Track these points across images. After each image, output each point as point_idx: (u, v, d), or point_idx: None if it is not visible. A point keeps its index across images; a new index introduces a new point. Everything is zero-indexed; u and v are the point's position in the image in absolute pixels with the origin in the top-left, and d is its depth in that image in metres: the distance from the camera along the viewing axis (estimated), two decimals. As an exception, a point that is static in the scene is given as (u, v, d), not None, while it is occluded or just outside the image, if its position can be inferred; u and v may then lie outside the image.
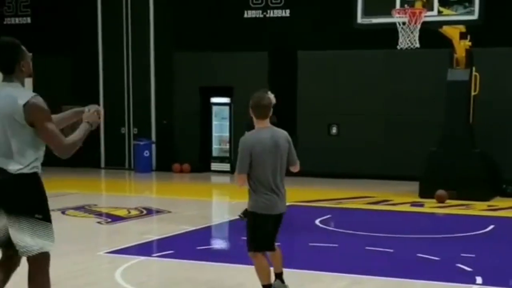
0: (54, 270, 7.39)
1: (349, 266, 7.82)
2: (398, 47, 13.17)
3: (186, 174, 18.41)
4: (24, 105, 4.47)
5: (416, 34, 12.85)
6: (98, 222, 10.77)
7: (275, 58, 18.23)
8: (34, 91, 4.69)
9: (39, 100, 4.53)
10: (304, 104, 17.95)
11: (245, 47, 18.19)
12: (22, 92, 4.56)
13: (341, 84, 17.62)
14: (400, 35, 13.06)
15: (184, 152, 18.83)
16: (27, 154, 4.54)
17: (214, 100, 19.40)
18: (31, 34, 20.17)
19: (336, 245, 9.19)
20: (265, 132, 6.00)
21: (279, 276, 6.27)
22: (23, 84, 4.69)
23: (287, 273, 7.41)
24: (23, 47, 4.68)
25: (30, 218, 4.47)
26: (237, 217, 10.51)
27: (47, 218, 4.56)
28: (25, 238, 4.47)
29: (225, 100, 19.25)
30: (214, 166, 19.25)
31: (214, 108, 19.47)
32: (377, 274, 7.43)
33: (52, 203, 4.41)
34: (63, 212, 11.50)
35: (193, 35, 18.72)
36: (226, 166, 19.11)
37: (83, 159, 19.74)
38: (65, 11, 19.81)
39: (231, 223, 11.33)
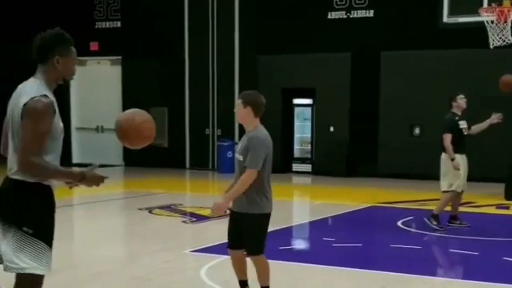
0: (144, 268, 7.69)
1: (433, 269, 7.76)
2: (491, 46, 12.92)
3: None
4: (25, 105, 3.93)
5: (508, 31, 12.60)
6: (183, 221, 11.02)
7: (358, 59, 18.18)
8: (124, 93, 4.48)
9: (41, 102, 3.91)
10: (386, 105, 17.83)
11: (328, 48, 18.21)
12: (31, 90, 3.98)
13: (424, 85, 17.40)
14: (489, 34, 12.82)
15: (266, 153, 18.99)
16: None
17: (296, 101, 19.51)
18: (121, 38, 20.85)
19: (419, 247, 9.11)
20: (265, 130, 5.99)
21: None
22: (49, 83, 4.10)
23: (368, 274, 7.44)
24: (71, 47, 4.14)
25: (18, 230, 3.93)
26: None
27: (39, 236, 3.96)
28: (8, 252, 3.95)
29: (307, 101, 19.32)
30: (296, 167, 19.36)
31: (296, 109, 19.58)
32: (461, 277, 7.36)
33: (140, 202, 4.47)
34: (150, 211, 11.83)
35: (277, 37, 18.88)
36: (307, 167, 19.19)
37: (169, 160, 20.32)
38: (153, 16, 20.34)
39: (312, 223, 11.41)
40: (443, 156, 10.15)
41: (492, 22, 12.66)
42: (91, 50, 21.15)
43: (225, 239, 9.41)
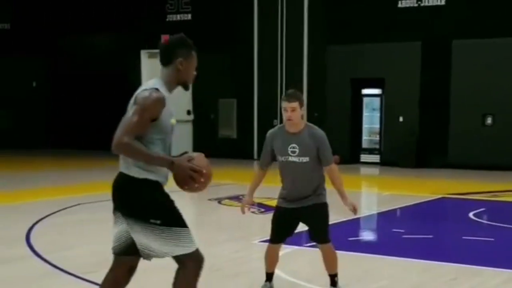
0: (213, 257, 7.79)
1: (507, 261, 7.61)
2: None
3: (336, 165, 18.50)
4: (136, 96, 4.17)
5: None
6: (252, 212, 11.09)
7: (429, 48, 17.89)
8: (193, 85, 4.58)
9: (151, 94, 4.11)
10: (457, 94, 17.52)
11: (398, 37, 18.00)
12: (147, 85, 4.25)
13: (497, 73, 17.00)
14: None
15: (334, 144, 18.82)
16: None
17: (365, 91, 19.35)
18: (191, 30, 21.10)
19: (492, 239, 8.94)
20: None
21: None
22: (169, 84, 4.32)
23: (440, 266, 7.36)
24: (192, 52, 4.38)
25: (146, 223, 4.15)
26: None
27: (167, 223, 4.18)
28: (147, 242, 4.20)
29: (376, 91, 19.15)
30: (364, 157, 19.23)
31: (365, 100, 19.43)
32: (534, 270, 7.19)
33: (209, 193, 4.50)
34: (219, 202, 11.98)
35: (346, 27, 18.78)
36: (375, 158, 19.04)
37: (237, 151, 20.48)
38: (223, 8, 20.50)
39: (381, 214, 11.33)
40: None
41: None
42: (162, 43, 21.46)
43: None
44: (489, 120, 17.31)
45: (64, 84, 23.65)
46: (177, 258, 4.27)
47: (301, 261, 7.71)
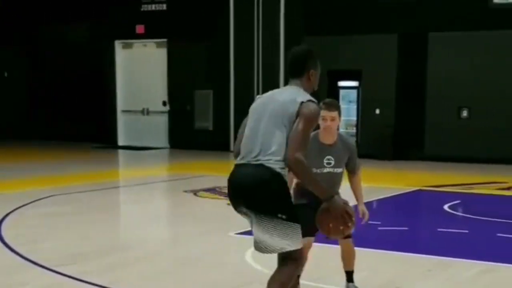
0: (189, 250, 7.74)
1: (480, 253, 7.64)
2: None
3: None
4: (302, 103, 4.34)
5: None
6: (228, 204, 11.02)
7: (405, 40, 17.91)
8: (169, 76, 4.54)
9: (315, 108, 4.40)
10: (434, 87, 17.57)
11: (375, 29, 17.99)
12: (304, 94, 4.46)
13: (473, 67, 17.08)
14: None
15: (311, 136, 18.91)
16: (282, 153, 4.30)
17: (341, 83, 19.33)
18: (166, 20, 20.92)
19: (466, 231, 8.99)
20: None
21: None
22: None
23: (415, 258, 7.36)
24: (317, 60, 4.65)
25: (274, 217, 4.27)
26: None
27: (291, 219, 4.31)
28: (264, 236, 4.36)
29: (353, 83, 19.14)
30: (341, 149, 19.22)
31: (341, 92, 19.41)
32: (509, 261, 7.22)
33: (185, 185, 4.43)
34: (195, 194, 11.90)
35: (323, 19, 18.71)
36: (353, 150, 19.05)
37: (213, 142, 20.40)
38: (198, -2, 20.37)
39: (357, 207, 11.31)
40: None
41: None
42: (137, 33, 21.30)
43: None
44: (465, 113, 17.39)
45: (37, 73, 23.37)
46: (284, 253, 4.40)
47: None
